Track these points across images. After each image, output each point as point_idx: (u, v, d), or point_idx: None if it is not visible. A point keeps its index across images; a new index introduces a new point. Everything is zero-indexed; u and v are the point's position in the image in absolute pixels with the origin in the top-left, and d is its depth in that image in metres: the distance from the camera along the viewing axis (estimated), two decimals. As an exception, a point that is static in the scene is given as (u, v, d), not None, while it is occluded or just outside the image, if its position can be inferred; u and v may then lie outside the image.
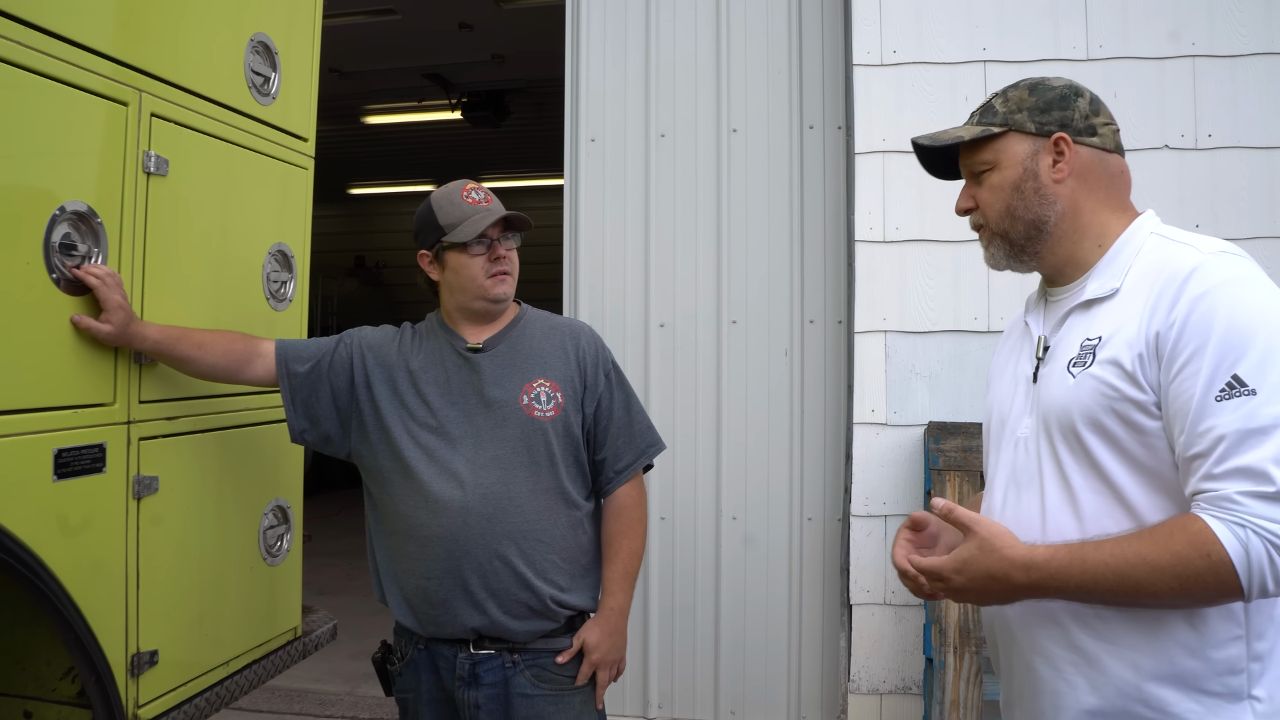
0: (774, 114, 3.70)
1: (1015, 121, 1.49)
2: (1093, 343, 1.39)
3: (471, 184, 2.13)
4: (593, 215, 3.79)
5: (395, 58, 7.01)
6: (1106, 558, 1.28)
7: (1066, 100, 1.49)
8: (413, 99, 8.32)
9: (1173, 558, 1.24)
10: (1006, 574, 1.33)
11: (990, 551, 1.34)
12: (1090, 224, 1.48)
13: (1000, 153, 1.50)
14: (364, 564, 2.35)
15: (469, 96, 8.63)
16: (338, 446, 2.14)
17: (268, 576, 2.37)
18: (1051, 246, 1.49)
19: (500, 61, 7.36)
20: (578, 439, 2.11)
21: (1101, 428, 1.36)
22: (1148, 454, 1.34)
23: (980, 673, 2.99)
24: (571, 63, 3.81)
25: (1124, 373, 1.34)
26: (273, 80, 2.35)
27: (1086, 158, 1.47)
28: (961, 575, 1.36)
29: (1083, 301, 1.45)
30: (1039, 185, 1.48)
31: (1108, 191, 1.49)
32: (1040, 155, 1.48)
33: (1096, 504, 1.37)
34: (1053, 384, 1.43)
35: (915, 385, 3.42)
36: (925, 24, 3.44)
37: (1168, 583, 1.24)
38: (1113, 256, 1.45)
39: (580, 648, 2.09)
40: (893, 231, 3.44)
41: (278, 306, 2.41)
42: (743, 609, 3.65)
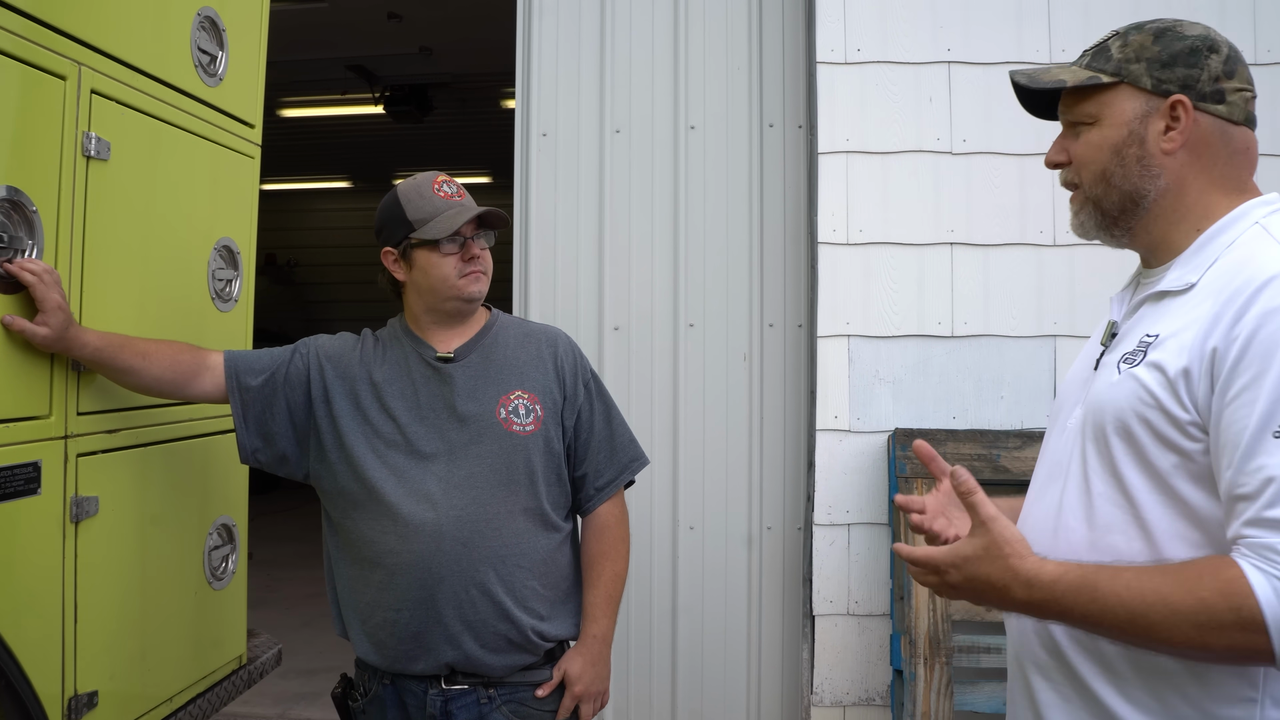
0: (733, 111, 3.59)
1: (1130, 73, 1.29)
2: (1149, 340, 1.24)
3: (443, 176, 1.96)
4: (544, 213, 3.63)
5: (320, 47, 6.72)
6: (1121, 590, 1.12)
7: (1196, 55, 1.28)
8: (335, 91, 8.02)
9: (1196, 604, 1.07)
10: (1006, 585, 1.19)
11: (996, 558, 1.18)
12: (1194, 205, 1.29)
13: (1106, 107, 1.30)
14: (288, 574, 2.18)
15: (392, 90, 8.37)
16: (294, 467, 1.95)
17: (213, 601, 2.17)
18: (1146, 224, 1.32)
19: (428, 54, 7.14)
20: (559, 455, 1.96)
21: (1129, 435, 1.22)
22: (1175, 474, 1.19)
23: (951, 684, 2.93)
24: (523, 53, 3.65)
25: (1166, 381, 1.19)
26: (220, 60, 2.15)
27: (1206, 128, 1.27)
28: (958, 572, 1.22)
29: (1157, 292, 1.29)
30: (1144, 153, 1.28)
31: (1224, 170, 1.29)
32: (1151, 118, 1.28)
33: (1110, 516, 1.24)
34: (1103, 377, 1.29)
35: (879, 391, 3.35)
36: (889, 23, 3.37)
37: (1184, 631, 1.08)
38: (1202, 245, 1.27)
39: (561, 679, 1.94)
40: (856, 233, 3.36)
41: (223, 307, 2.21)
42: (701, 621, 3.53)
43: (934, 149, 3.34)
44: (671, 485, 3.55)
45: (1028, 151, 3.32)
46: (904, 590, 3.05)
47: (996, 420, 3.29)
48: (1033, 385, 3.30)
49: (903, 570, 3.06)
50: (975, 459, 3.13)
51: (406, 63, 7.39)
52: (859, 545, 3.33)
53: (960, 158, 3.33)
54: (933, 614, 2.98)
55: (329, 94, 8.06)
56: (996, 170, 3.33)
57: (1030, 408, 3.29)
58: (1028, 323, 3.30)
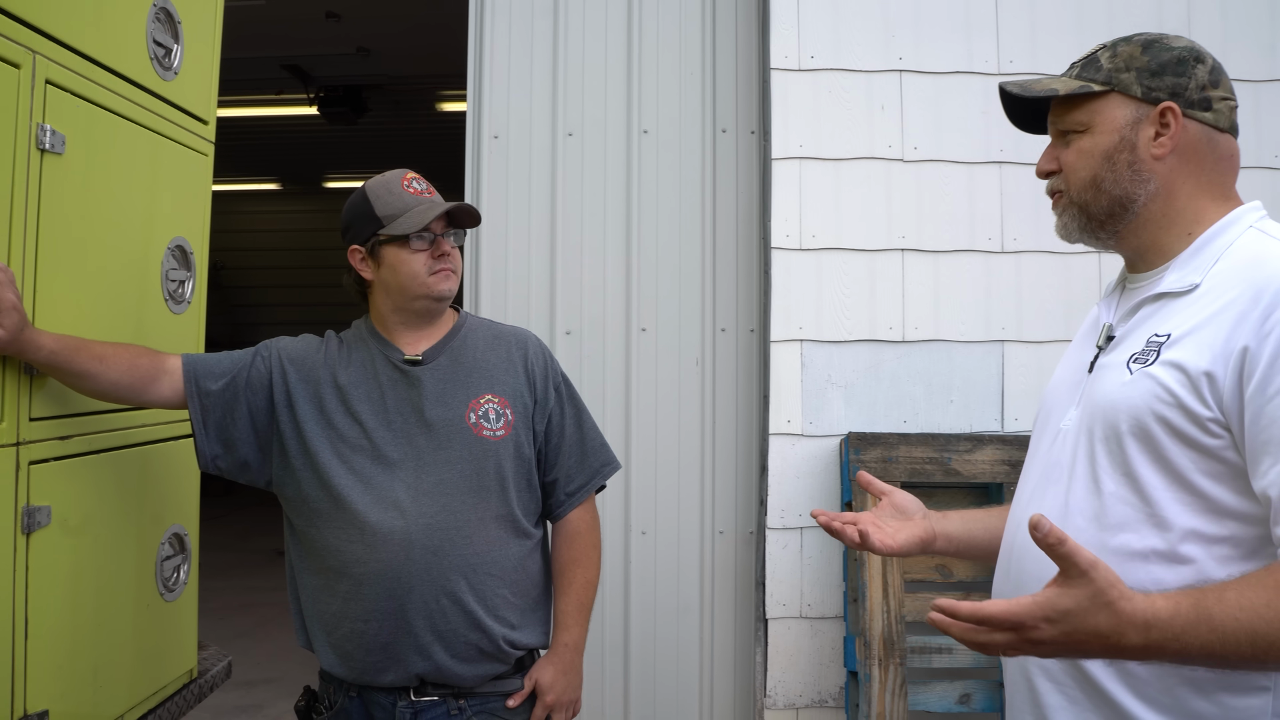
0: (686, 116, 3.59)
1: (1120, 82, 1.33)
2: (1160, 340, 1.26)
3: (412, 173, 1.93)
4: (495, 215, 3.59)
5: (255, 46, 6.58)
6: (1235, 612, 1.06)
7: (1183, 65, 1.32)
8: (269, 91, 7.85)
9: None
10: (1120, 633, 1.07)
11: (1104, 605, 1.06)
12: (1184, 210, 1.32)
13: (1097, 115, 1.34)
14: (219, 584, 2.12)
15: (326, 91, 8.23)
16: (256, 474, 1.89)
17: (165, 614, 2.09)
18: (1135, 229, 1.35)
19: (365, 55, 7.03)
20: (529, 460, 1.92)
21: (1146, 435, 1.23)
22: (1195, 471, 1.21)
23: (905, 684, 2.95)
24: (474, 54, 3.60)
25: (1187, 380, 1.20)
26: (175, 53, 2.08)
27: (1194, 134, 1.31)
28: (1054, 627, 1.07)
29: (1156, 294, 1.31)
30: (1134, 159, 1.32)
31: (1211, 176, 1.33)
32: (1142, 125, 1.32)
33: (1123, 515, 1.25)
34: (1108, 378, 1.31)
35: (831, 395, 3.37)
36: (843, 31, 3.40)
37: None
38: (1199, 247, 1.31)
39: (533, 689, 1.90)
40: (809, 239, 3.38)
41: (176, 309, 2.14)
42: (653, 626, 3.52)
43: (886, 156, 3.38)
44: (624, 490, 3.53)
45: (976, 160, 3.37)
46: (858, 593, 3.07)
47: (946, 424, 3.33)
48: (981, 389, 3.35)
49: (857, 572, 3.08)
50: (927, 462, 3.16)
51: (343, 63, 7.27)
52: (811, 549, 3.34)
53: (911, 165, 3.37)
54: (887, 616, 3.00)
55: (262, 94, 7.89)
56: (946, 178, 3.38)
57: (979, 411, 3.34)
58: (976, 328, 3.35)
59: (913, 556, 1.56)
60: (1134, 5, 3.43)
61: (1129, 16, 3.41)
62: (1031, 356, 3.35)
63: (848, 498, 3.20)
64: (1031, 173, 3.33)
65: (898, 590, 3.02)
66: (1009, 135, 3.37)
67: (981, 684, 3.07)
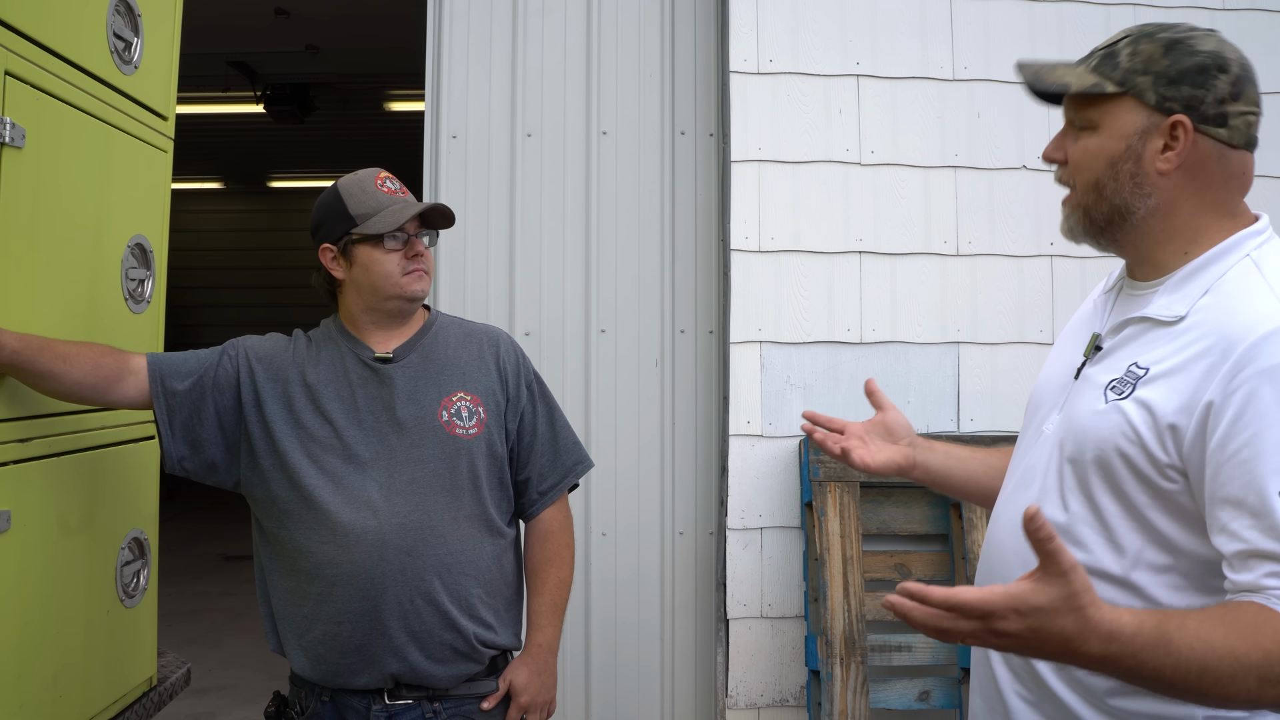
0: (645, 118, 3.60)
1: (1136, 85, 1.26)
2: (1139, 373, 1.24)
3: (385, 172, 1.91)
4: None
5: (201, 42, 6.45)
6: (1192, 642, 1.06)
7: (1204, 75, 1.25)
8: (215, 88, 7.72)
9: (1263, 657, 1.06)
10: (1082, 639, 1.05)
11: (1074, 609, 1.04)
12: (1184, 227, 1.28)
13: (1107, 115, 1.29)
14: (167, 588, 2.09)
15: (273, 89, 8.12)
16: (224, 475, 1.86)
17: (125, 620, 2.04)
18: (1133, 239, 1.32)
19: (314, 52, 6.94)
20: (502, 459, 1.92)
21: (1108, 467, 1.24)
22: (1151, 508, 1.22)
23: (867, 682, 2.98)
24: (433, 54, 3.58)
25: (1153, 424, 1.20)
26: (135, 46, 2.03)
27: (1205, 151, 1.26)
28: (1022, 621, 1.04)
29: (1142, 316, 1.30)
30: (1138, 170, 1.27)
31: (1217, 194, 1.28)
32: (1151, 135, 1.26)
33: (1086, 536, 1.27)
34: (1085, 399, 1.31)
35: (790, 396, 3.39)
36: (801, 35, 3.43)
37: (1248, 683, 1.06)
38: (1192, 272, 1.27)
39: (507, 690, 1.89)
40: (768, 241, 3.41)
41: (136, 308, 2.09)
42: (614, 627, 3.52)
43: (843, 159, 3.41)
44: (584, 491, 3.52)
45: (932, 164, 3.42)
46: (819, 592, 3.09)
47: (904, 424, 3.37)
48: (938, 390, 3.39)
49: (818, 572, 3.10)
50: (886, 462, 3.19)
51: (291, 61, 7.17)
52: (772, 549, 3.36)
53: (868, 169, 3.41)
54: (848, 614, 3.03)
55: (208, 91, 7.75)
56: (903, 182, 3.42)
57: (935, 412, 3.39)
58: (932, 330, 3.40)
59: (888, 476, 1.54)
60: (1081, 16, 3.50)
61: (1078, 26, 3.48)
62: (986, 358, 3.40)
63: (808, 498, 3.22)
64: (987, 177, 3.44)
65: (858, 589, 3.05)
66: (964, 140, 3.44)
67: (940, 681, 3.11)
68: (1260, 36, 3.56)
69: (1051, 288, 3.43)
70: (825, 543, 3.11)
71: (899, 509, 3.24)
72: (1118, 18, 3.50)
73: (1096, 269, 3.40)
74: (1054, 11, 3.49)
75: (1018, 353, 3.40)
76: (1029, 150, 3.44)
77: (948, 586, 1.06)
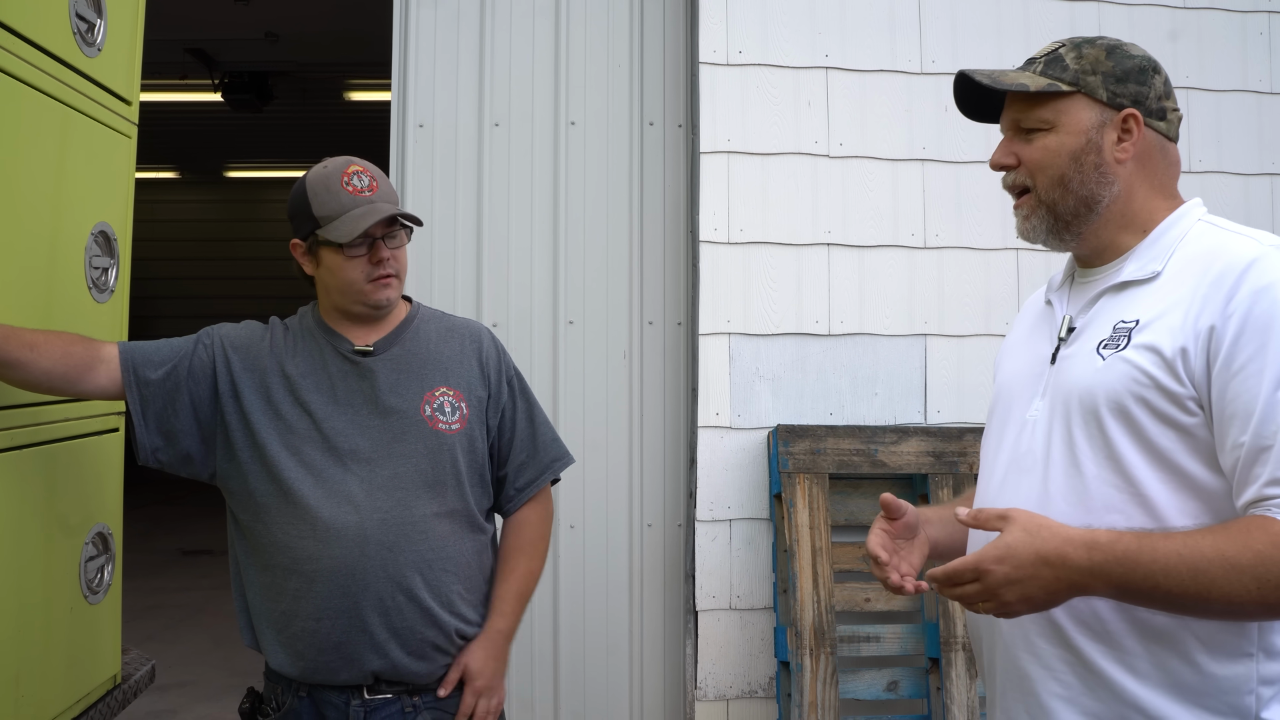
0: (614, 108, 3.58)
1: (1087, 84, 1.37)
2: (1129, 325, 1.31)
3: (355, 165, 1.84)
4: (420, 206, 3.52)
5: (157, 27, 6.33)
6: (1179, 548, 1.16)
7: (1144, 75, 1.38)
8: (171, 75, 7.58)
9: (1255, 557, 1.13)
10: (1063, 555, 1.17)
11: (1039, 533, 1.18)
12: (1140, 210, 1.39)
13: (1062, 114, 1.37)
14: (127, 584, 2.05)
15: (230, 77, 7.99)
16: (199, 467, 1.82)
17: (89, 617, 2.00)
18: (1097, 229, 1.40)
19: (274, 40, 6.84)
20: (483, 454, 1.89)
21: (1127, 415, 1.27)
22: (1176, 449, 1.26)
23: (836, 673, 3.00)
24: (399, 42, 3.53)
25: (1163, 361, 1.25)
26: (98, 28, 1.98)
27: (1151, 141, 1.38)
28: (1005, 564, 1.18)
29: (1118, 283, 1.37)
30: (1101, 161, 1.36)
31: (1162, 179, 1.40)
32: (1106, 129, 1.36)
33: (1108, 497, 1.29)
34: (1077, 366, 1.35)
35: (759, 388, 3.40)
36: (770, 26, 3.43)
37: (1245, 584, 1.13)
38: (1155, 239, 1.37)
39: (462, 675, 1.85)
40: (737, 233, 3.41)
41: (99, 297, 2.05)
42: (582, 620, 3.50)
43: (812, 152, 3.42)
44: (552, 484, 3.51)
45: (900, 157, 3.44)
46: (788, 583, 3.10)
47: (871, 416, 3.39)
48: (905, 382, 3.41)
49: (787, 563, 3.11)
50: (854, 454, 3.21)
51: (250, 48, 7.06)
52: (740, 540, 3.37)
53: (837, 161, 3.42)
54: (817, 605, 3.04)
55: (164, 78, 7.61)
56: (871, 174, 3.43)
57: (903, 404, 3.40)
58: (900, 322, 3.42)
59: None
60: (1047, 13, 3.53)
61: (1044, 23, 3.51)
62: (953, 350, 3.43)
63: (776, 490, 3.23)
64: (954, 170, 3.46)
65: (827, 580, 3.06)
66: (931, 133, 3.46)
67: (908, 671, 3.14)
68: (1219, 35, 3.61)
69: (1017, 280, 3.46)
70: (794, 534, 3.12)
71: (867, 500, 3.26)
72: (1082, 14, 3.54)
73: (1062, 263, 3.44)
74: (1020, 7, 3.52)
75: (984, 345, 3.43)
76: (996, 144, 3.46)
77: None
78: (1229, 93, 3.60)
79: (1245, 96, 3.60)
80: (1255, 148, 3.59)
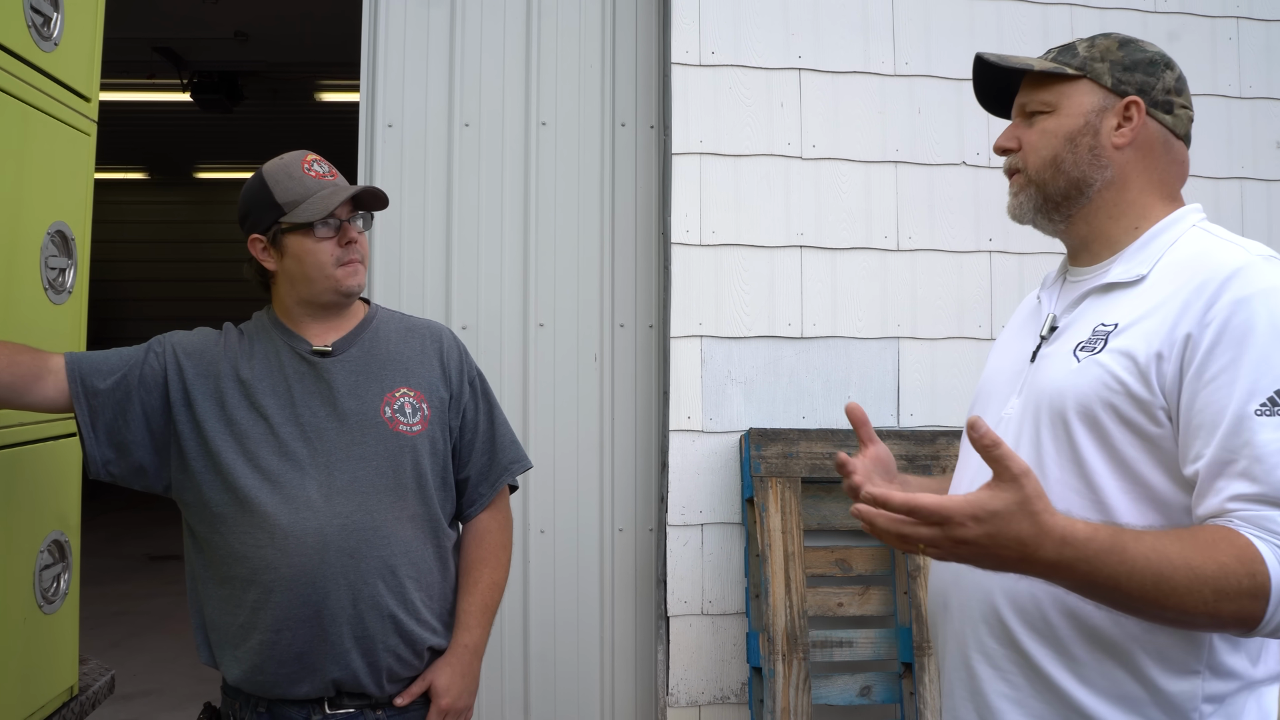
0: (586, 109, 3.55)
1: (1094, 70, 1.38)
2: (1107, 329, 1.30)
3: (312, 155, 1.83)
4: (389, 207, 3.46)
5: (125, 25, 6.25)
6: (1148, 552, 1.12)
7: (1155, 67, 1.39)
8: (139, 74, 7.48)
9: (1218, 569, 1.11)
10: (1037, 543, 1.10)
11: (1030, 514, 1.09)
12: (1134, 202, 1.38)
13: (1065, 98, 1.39)
14: (88, 590, 2.00)
15: (200, 76, 7.91)
16: (153, 479, 1.76)
17: (44, 627, 1.94)
18: (1086, 215, 1.40)
19: (243, 39, 6.76)
20: (445, 457, 1.85)
21: (1094, 421, 1.26)
22: (1140, 460, 1.24)
23: (809, 678, 2.98)
24: (368, 40, 3.49)
25: (1136, 367, 1.24)
26: (55, 21, 1.93)
27: (1153, 132, 1.38)
28: (981, 526, 1.09)
29: (1104, 284, 1.36)
30: (1096, 144, 1.37)
31: (1163, 175, 1.39)
32: (1107, 114, 1.37)
33: (1068, 500, 1.27)
34: (1053, 366, 1.34)
35: (731, 391, 3.38)
36: (743, 27, 3.41)
37: (1204, 595, 1.11)
38: (1146, 241, 1.35)
39: (427, 690, 1.82)
40: (709, 235, 3.38)
41: (56, 299, 2.00)
42: (553, 626, 3.47)
43: (785, 153, 3.40)
44: (522, 488, 3.47)
45: (873, 159, 3.43)
46: (760, 588, 3.08)
47: (844, 420, 3.37)
48: (878, 385, 3.40)
49: (759, 568, 3.09)
50: (827, 457, 3.20)
51: (219, 48, 6.98)
52: (712, 545, 3.34)
53: (810, 163, 3.41)
54: (789, 610, 3.02)
55: (132, 77, 7.51)
56: (844, 176, 3.42)
57: (875, 407, 3.39)
58: (873, 325, 3.41)
59: None
60: (1021, 15, 3.54)
61: (1017, 25, 3.52)
62: (926, 353, 3.42)
63: (749, 494, 3.21)
64: (927, 173, 3.45)
65: (800, 585, 3.04)
66: (904, 135, 3.45)
67: (881, 675, 3.12)
68: (1190, 40, 3.63)
69: (990, 283, 3.45)
70: (767, 538, 3.10)
71: (840, 504, 3.24)
72: (1055, 17, 3.55)
73: (1035, 265, 3.44)
74: (993, 9, 3.52)
75: (957, 348, 3.42)
76: (969, 146, 3.47)
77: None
78: (1200, 96, 3.59)
79: (1215, 101, 3.62)
80: (1225, 152, 3.61)
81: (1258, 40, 3.67)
